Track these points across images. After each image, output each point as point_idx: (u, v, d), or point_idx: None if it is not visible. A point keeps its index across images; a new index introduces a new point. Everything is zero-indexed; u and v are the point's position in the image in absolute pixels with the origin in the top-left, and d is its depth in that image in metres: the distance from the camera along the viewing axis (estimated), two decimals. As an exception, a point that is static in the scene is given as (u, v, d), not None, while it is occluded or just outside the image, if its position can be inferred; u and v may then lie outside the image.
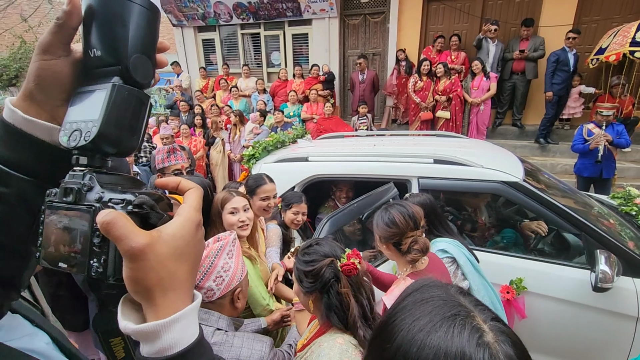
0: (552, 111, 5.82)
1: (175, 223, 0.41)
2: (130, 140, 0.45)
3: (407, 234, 1.50)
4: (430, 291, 0.55)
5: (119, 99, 0.43)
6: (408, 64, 6.57)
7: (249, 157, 3.10)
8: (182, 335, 0.39)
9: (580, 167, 4.28)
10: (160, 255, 0.38)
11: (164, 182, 0.47)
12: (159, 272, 0.38)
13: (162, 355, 0.38)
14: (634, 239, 2.26)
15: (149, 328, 0.38)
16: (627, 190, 2.88)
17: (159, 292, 0.39)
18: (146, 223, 0.41)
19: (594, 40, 5.79)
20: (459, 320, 0.49)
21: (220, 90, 7.47)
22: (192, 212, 0.43)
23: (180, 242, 0.40)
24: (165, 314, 0.38)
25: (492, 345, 0.46)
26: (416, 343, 0.48)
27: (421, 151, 2.75)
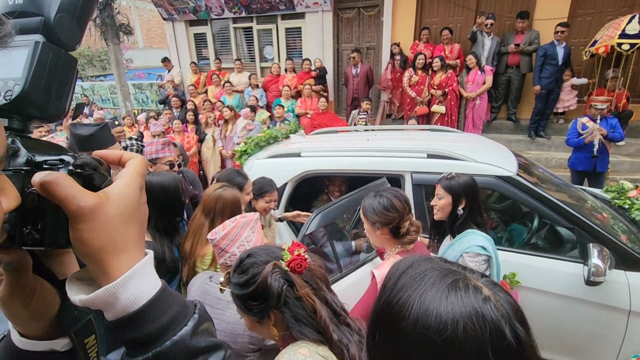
0: (540, 105, 5.82)
1: (120, 184, 0.40)
2: (57, 105, 0.41)
3: (405, 217, 1.54)
4: (421, 266, 0.59)
5: (44, 58, 0.39)
6: (402, 58, 6.53)
7: (241, 153, 3.06)
8: (141, 290, 0.38)
9: (574, 161, 4.28)
10: (110, 215, 0.37)
11: (103, 154, 0.44)
12: (111, 233, 0.37)
13: (126, 314, 0.38)
14: (626, 232, 2.26)
15: (105, 292, 0.37)
16: (621, 184, 2.88)
17: (112, 254, 0.37)
18: (90, 185, 0.38)
19: (589, 34, 5.79)
20: (461, 284, 0.53)
21: (212, 86, 7.38)
22: (134, 176, 0.42)
23: (128, 203, 0.39)
24: (120, 275, 0.37)
25: (492, 297, 0.52)
26: (432, 313, 0.51)
27: (415, 146, 2.73)
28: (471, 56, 5.67)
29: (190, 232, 1.75)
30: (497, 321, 0.49)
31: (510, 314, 0.51)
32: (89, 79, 12.73)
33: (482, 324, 0.49)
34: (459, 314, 0.50)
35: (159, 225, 1.70)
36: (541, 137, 6.08)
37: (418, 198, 2.39)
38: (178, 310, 0.41)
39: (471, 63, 5.65)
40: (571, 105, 5.90)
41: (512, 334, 0.49)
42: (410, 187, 2.40)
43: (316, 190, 3.39)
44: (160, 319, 0.39)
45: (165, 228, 1.73)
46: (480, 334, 0.48)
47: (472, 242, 1.75)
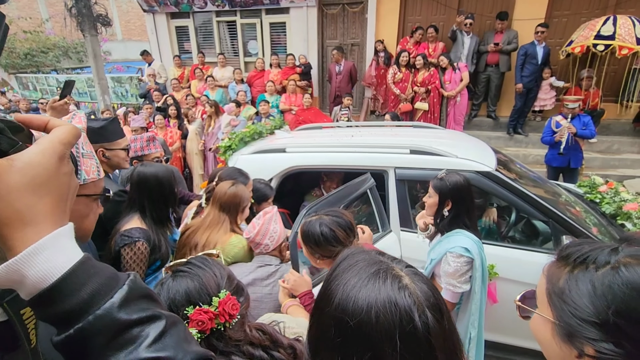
0: (520, 103, 6.01)
1: (32, 150, 0.37)
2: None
3: (345, 241, 1.41)
4: (355, 257, 0.62)
5: None
6: (386, 55, 6.58)
7: (225, 149, 3.03)
8: (52, 265, 0.35)
9: (549, 157, 4.44)
10: (12, 184, 0.34)
11: (26, 118, 0.41)
12: (12, 204, 0.34)
13: (37, 291, 0.35)
14: (597, 225, 2.37)
15: (6, 269, 0.33)
16: (592, 179, 3.02)
17: (15, 227, 0.34)
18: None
19: (564, 34, 5.99)
20: (382, 273, 0.57)
21: (195, 80, 7.25)
22: (55, 142, 0.38)
23: (39, 171, 0.36)
24: (23, 248, 0.34)
25: (409, 286, 0.55)
26: (351, 299, 0.55)
27: (398, 142, 2.77)
28: (443, 57, 5.79)
29: (208, 226, 1.82)
30: (409, 308, 0.52)
31: (423, 302, 0.53)
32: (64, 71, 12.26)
33: (394, 309, 0.52)
34: (374, 300, 0.53)
35: (153, 215, 1.74)
36: (519, 134, 6.28)
37: (401, 193, 2.43)
38: (102, 282, 0.38)
39: (443, 63, 5.77)
40: (547, 105, 6.10)
41: (422, 321, 0.52)
42: (394, 182, 2.44)
43: (302, 186, 3.40)
44: (78, 294, 0.36)
45: (159, 218, 1.76)
46: (390, 320, 0.52)
47: (458, 242, 1.74)
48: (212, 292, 0.85)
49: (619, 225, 2.47)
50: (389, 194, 2.47)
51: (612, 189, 2.76)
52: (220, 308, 0.82)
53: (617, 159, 5.77)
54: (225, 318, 0.82)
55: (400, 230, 2.43)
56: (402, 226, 2.43)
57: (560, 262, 0.69)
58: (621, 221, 2.47)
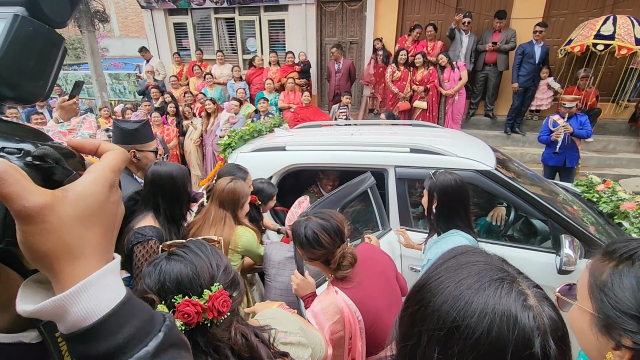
0: (517, 102, 6.03)
1: (84, 181, 0.36)
2: (33, 85, 0.38)
3: (334, 252, 1.37)
4: (475, 256, 0.58)
5: (21, 34, 0.35)
6: (385, 53, 6.58)
7: (225, 146, 3.03)
8: (96, 303, 0.34)
9: (546, 156, 4.47)
10: (65, 217, 0.33)
11: (78, 143, 0.40)
12: (63, 237, 0.33)
13: (77, 329, 0.34)
14: (594, 224, 2.39)
15: (52, 304, 0.33)
16: (590, 179, 3.04)
17: (65, 260, 0.34)
18: (50, 180, 0.35)
19: (562, 34, 6.02)
20: (506, 283, 0.52)
21: (194, 77, 7.22)
22: (106, 171, 0.38)
23: (91, 202, 0.35)
24: (72, 283, 0.34)
25: (535, 308, 0.50)
26: (464, 298, 0.51)
27: (398, 141, 2.78)
28: (442, 55, 5.81)
29: (212, 223, 1.84)
30: (530, 329, 0.48)
31: (548, 330, 0.49)
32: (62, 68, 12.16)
33: (512, 325, 0.48)
34: (491, 309, 0.49)
35: (167, 213, 1.75)
36: (516, 133, 6.31)
37: (401, 192, 2.44)
38: (139, 326, 0.36)
39: (443, 62, 5.78)
40: (544, 105, 6.13)
41: (542, 348, 0.47)
42: (394, 181, 2.45)
43: (300, 184, 3.40)
44: (115, 337, 0.35)
45: (172, 216, 1.78)
46: (505, 334, 0.48)
47: (453, 242, 1.73)
48: (204, 284, 0.80)
49: (616, 225, 2.49)
50: (389, 193, 2.48)
51: (610, 188, 2.78)
52: (210, 303, 0.77)
53: (612, 159, 5.82)
54: (213, 314, 0.77)
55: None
56: (402, 225, 2.44)
57: (605, 257, 0.71)
58: (618, 220, 2.49)
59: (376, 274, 1.49)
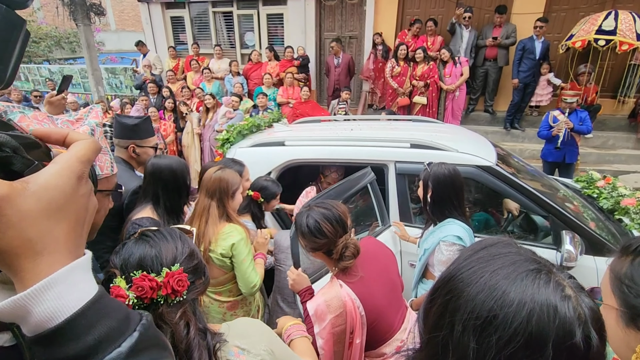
0: (517, 97, 6.01)
1: (48, 171, 0.33)
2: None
3: (337, 241, 1.35)
4: (507, 247, 0.57)
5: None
6: (385, 48, 6.53)
7: (224, 141, 3.00)
8: (62, 302, 0.32)
9: (545, 152, 4.45)
10: (26, 210, 0.31)
11: (44, 132, 0.37)
12: (24, 232, 0.31)
13: (42, 331, 0.31)
14: (595, 220, 2.39)
15: (12, 304, 0.30)
16: (590, 175, 3.03)
17: (26, 256, 0.31)
18: (8, 171, 0.33)
19: (563, 29, 5.98)
20: (543, 274, 0.52)
21: (191, 72, 7.15)
22: (73, 161, 0.35)
23: (56, 194, 0.33)
24: (33, 281, 0.31)
25: (574, 298, 0.50)
26: (501, 287, 0.50)
27: (398, 136, 2.76)
28: (445, 50, 5.76)
29: (196, 215, 1.80)
30: (571, 320, 0.48)
31: (588, 319, 0.49)
32: (57, 62, 12.02)
33: (552, 315, 0.48)
34: (530, 299, 0.49)
35: (166, 205, 1.74)
36: (516, 129, 6.29)
37: (401, 187, 2.43)
38: (112, 326, 0.34)
39: (445, 57, 5.74)
40: (544, 100, 6.11)
41: (583, 337, 0.47)
42: (394, 176, 2.43)
43: (300, 179, 3.38)
44: (84, 338, 0.32)
45: (172, 208, 1.76)
46: (546, 324, 0.47)
47: (450, 231, 1.77)
48: (165, 263, 0.80)
49: (616, 221, 2.48)
50: (389, 188, 2.46)
51: (610, 184, 2.77)
52: (165, 279, 0.77)
53: (612, 155, 5.82)
54: (167, 291, 0.76)
55: (400, 225, 2.42)
56: (402, 220, 2.43)
57: (622, 254, 0.74)
58: (619, 216, 2.49)
59: (379, 269, 1.48)
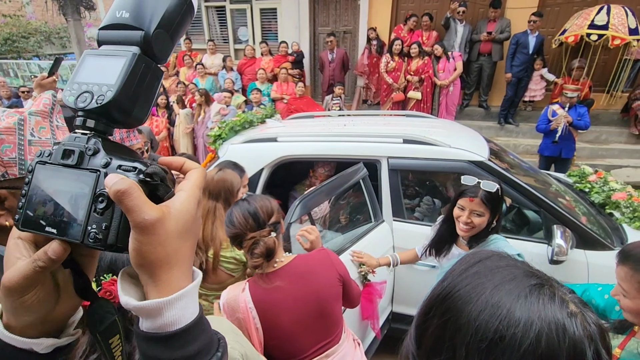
0: (510, 92, 6.01)
1: (181, 198, 0.41)
2: (141, 112, 0.44)
3: (246, 234, 1.29)
4: (503, 260, 0.55)
5: (137, 69, 0.42)
6: (379, 43, 6.50)
7: (215, 138, 2.97)
8: (184, 313, 0.39)
9: (542, 146, 4.45)
10: (169, 230, 0.38)
11: (167, 161, 0.45)
12: (166, 248, 0.38)
13: (163, 332, 0.38)
14: (586, 214, 2.40)
15: (152, 305, 0.37)
16: (582, 169, 3.04)
17: (164, 268, 0.38)
18: (153, 195, 0.40)
19: (557, 24, 5.98)
20: (546, 289, 0.50)
21: (184, 67, 7.06)
22: (195, 189, 0.42)
23: (187, 218, 0.40)
24: (168, 291, 0.38)
25: (579, 315, 0.48)
26: (505, 305, 0.48)
27: (391, 131, 2.75)
28: (437, 46, 5.75)
29: (204, 218, 1.76)
30: (580, 339, 0.46)
31: (597, 338, 0.47)
32: (47, 57, 11.83)
33: (562, 335, 0.46)
34: (537, 317, 0.46)
35: None
36: (510, 124, 6.31)
37: (394, 183, 2.42)
38: (206, 342, 0.41)
39: (438, 52, 5.73)
40: (537, 96, 6.11)
41: (595, 356, 0.46)
42: (387, 172, 2.42)
43: (293, 175, 3.36)
44: (189, 347, 0.39)
45: None
46: (556, 344, 0.45)
47: (504, 248, 1.56)
48: None
49: (607, 215, 2.50)
50: (381, 184, 2.45)
51: (601, 179, 2.78)
52: None
53: (604, 149, 5.86)
54: None
55: (392, 220, 2.42)
56: (394, 216, 2.42)
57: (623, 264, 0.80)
58: (610, 210, 2.50)
59: (304, 289, 1.32)
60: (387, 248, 2.34)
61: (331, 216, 2.88)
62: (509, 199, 1.74)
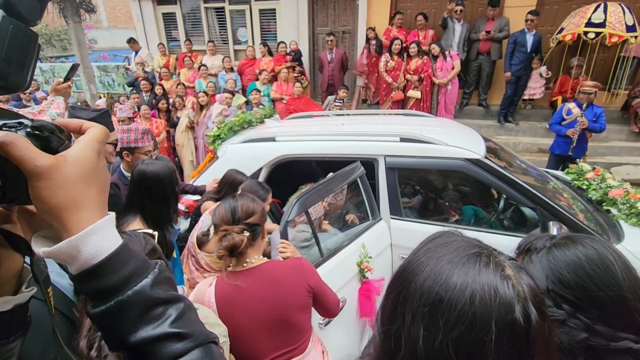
0: (510, 91, 6.01)
1: (78, 147, 0.43)
2: (19, 75, 0.44)
3: (220, 225, 1.35)
4: (452, 237, 0.61)
5: (4, 31, 0.41)
6: (378, 43, 6.51)
7: (214, 138, 2.99)
8: (101, 245, 0.42)
9: (554, 145, 4.40)
10: (68, 176, 0.40)
11: (64, 122, 0.47)
12: (69, 192, 0.40)
13: (87, 266, 0.41)
14: (583, 211, 2.41)
15: (67, 244, 0.40)
16: (580, 166, 3.05)
17: (71, 211, 0.41)
18: (47, 148, 0.41)
19: (555, 22, 5.98)
20: (484, 257, 0.54)
21: (184, 69, 7.09)
22: (92, 140, 0.45)
23: (86, 165, 0.42)
24: (78, 229, 0.41)
25: (513, 277, 0.52)
26: (445, 272, 0.53)
27: (388, 130, 2.76)
28: (434, 45, 5.75)
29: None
30: (510, 298, 0.50)
31: (527, 296, 0.51)
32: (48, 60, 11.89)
33: (493, 295, 0.50)
34: (472, 280, 0.51)
35: (154, 215, 1.70)
36: (510, 122, 6.31)
37: (391, 181, 2.43)
38: (138, 264, 0.45)
39: (435, 51, 5.73)
40: (537, 94, 6.11)
41: (523, 313, 0.50)
42: (384, 170, 2.43)
43: (291, 175, 3.38)
44: (121, 271, 0.43)
45: (160, 218, 1.72)
46: (488, 304, 0.50)
47: None
48: None
49: (604, 212, 2.51)
50: (379, 182, 2.46)
51: (599, 176, 2.79)
52: None
53: (604, 147, 5.85)
54: None
55: (390, 219, 2.43)
56: (392, 214, 2.44)
57: (518, 254, 0.86)
58: (607, 207, 2.51)
59: (267, 296, 1.33)
60: (384, 246, 2.36)
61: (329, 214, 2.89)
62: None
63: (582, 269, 0.74)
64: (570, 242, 0.79)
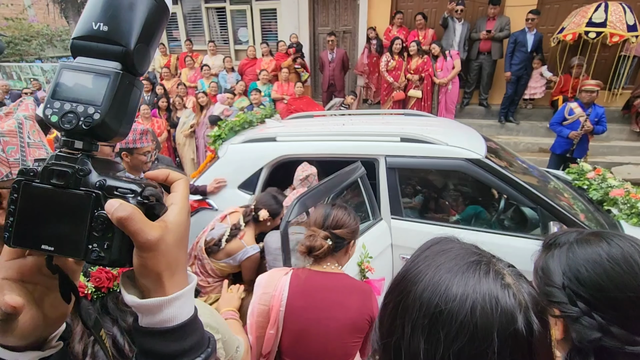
0: (510, 91, 6.00)
1: (175, 212, 0.45)
2: (126, 128, 0.45)
3: (311, 226, 1.45)
4: (449, 243, 0.60)
5: (122, 88, 0.42)
6: (379, 43, 6.51)
7: (215, 138, 3.00)
8: (180, 311, 0.43)
9: (555, 145, 4.39)
10: (170, 243, 0.42)
11: (154, 175, 0.49)
12: (167, 259, 0.42)
13: (161, 327, 0.42)
14: (584, 211, 2.41)
15: (155, 302, 0.42)
16: (581, 166, 3.05)
17: (168, 277, 0.43)
18: (150, 213, 0.42)
19: (556, 21, 5.97)
20: (483, 265, 0.53)
21: (185, 69, 7.10)
22: (183, 201, 0.46)
23: (181, 230, 0.44)
24: (170, 293, 0.43)
25: (513, 285, 0.51)
26: (444, 282, 0.52)
27: (389, 130, 2.76)
28: (434, 45, 5.74)
29: None
30: (511, 308, 0.49)
31: (529, 305, 0.50)
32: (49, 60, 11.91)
33: (494, 305, 0.49)
34: (472, 290, 0.50)
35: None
36: (510, 122, 6.30)
37: (392, 181, 2.43)
38: (198, 340, 0.46)
39: (435, 51, 5.73)
40: (537, 93, 6.11)
41: (525, 323, 0.49)
42: (385, 170, 2.44)
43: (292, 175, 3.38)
44: (183, 342, 0.44)
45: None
46: (489, 314, 0.49)
47: None
48: None
49: (605, 212, 2.51)
50: (379, 182, 2.47)
51: (600, 176, 2.79)
52: (119, 270, 0.82)
53: (605, 146, 5.84)
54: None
55: (390, 219, 2.44)
56: (392, 214, 2.44)
57: (542, 250, 0.88)
58: (607, 207, 2.51)
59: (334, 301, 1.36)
60: (385, 246, 2.36)
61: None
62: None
63: (601, 267, 0.71)
64: (595, 238, 0.77)
